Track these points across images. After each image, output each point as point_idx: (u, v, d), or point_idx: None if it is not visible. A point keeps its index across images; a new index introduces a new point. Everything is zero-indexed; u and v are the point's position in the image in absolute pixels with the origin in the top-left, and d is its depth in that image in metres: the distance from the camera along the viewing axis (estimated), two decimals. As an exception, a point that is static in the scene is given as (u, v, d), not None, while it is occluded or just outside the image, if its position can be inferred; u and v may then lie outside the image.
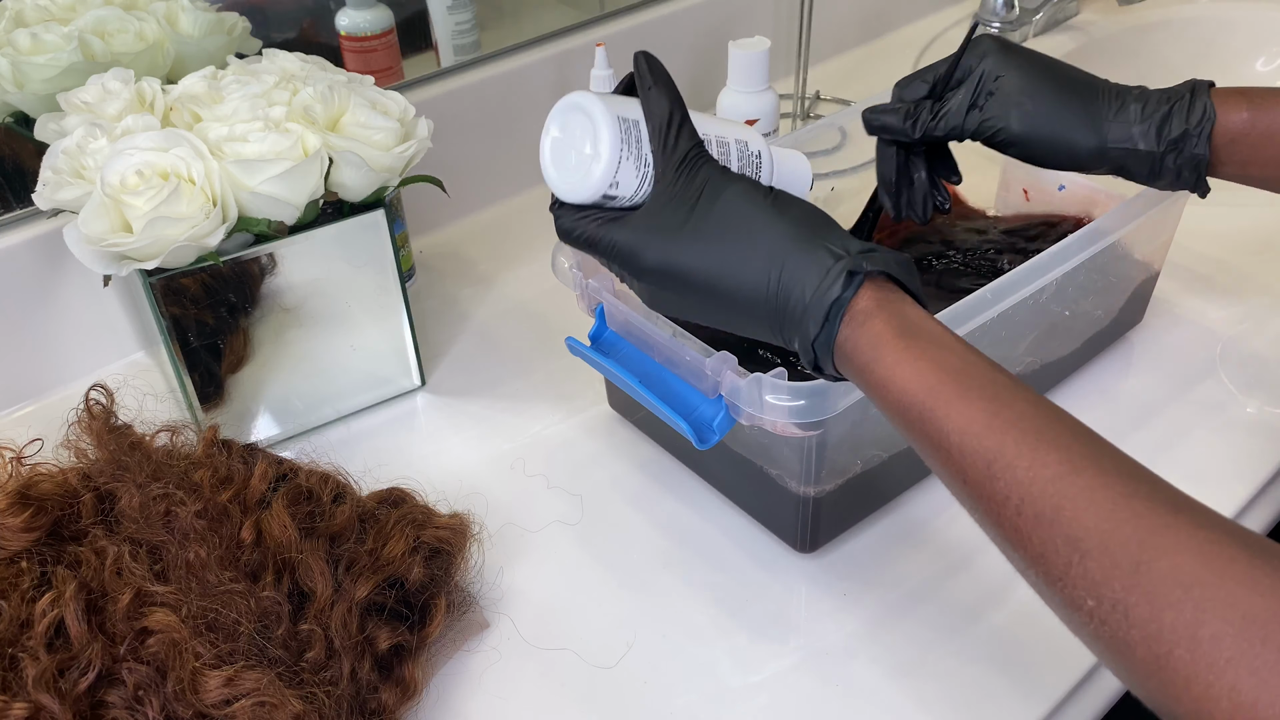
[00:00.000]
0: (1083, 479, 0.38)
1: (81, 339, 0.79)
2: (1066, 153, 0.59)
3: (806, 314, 0.45)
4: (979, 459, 0.40)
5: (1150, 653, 0.35)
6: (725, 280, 0.47)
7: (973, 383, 0.42)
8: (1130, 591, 0.35)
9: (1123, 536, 0.36)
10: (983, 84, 0.59)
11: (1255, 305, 0.82)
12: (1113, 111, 0.58)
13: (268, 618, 0.53)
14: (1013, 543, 0.39)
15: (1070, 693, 0.57)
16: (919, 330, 0.44)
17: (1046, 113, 0.58)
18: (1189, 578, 0.35)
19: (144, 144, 0.62)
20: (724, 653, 0.60)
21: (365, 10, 0.88)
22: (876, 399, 0.45)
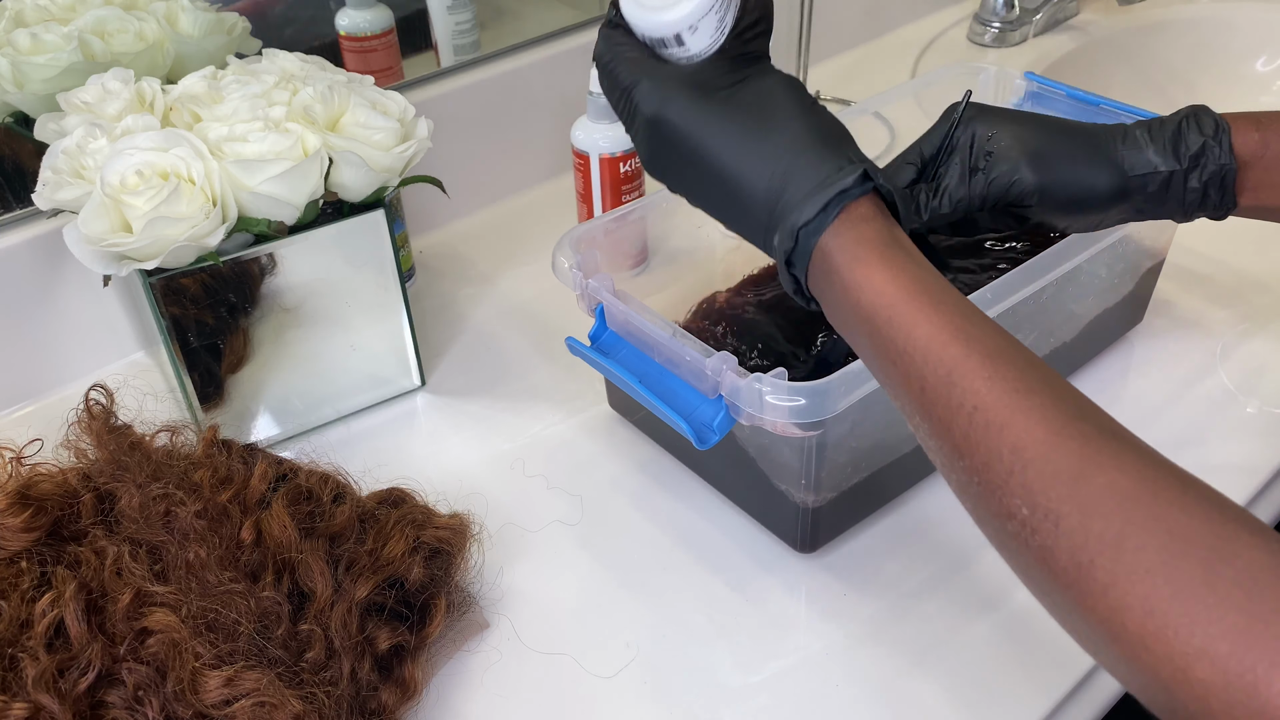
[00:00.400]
0: (1037, 399, 0.39)
1: (81, 339, 0.79)
2: (1088, 194, 0.56)
3: (808, 199, 0.45)
4: (941, 366, 0.41)
5: (1073, 560, 0.35)
6: (740, 150, 0.47)
7: (946, 299, 0.43)
8: (1064, 501, 0.36)
9: (1066, 450, 0.37)
10: (976, 147, 0.57)
11: (1255, 305, 0.82)
12: (1119, 142, 0.56)
13: (268, 618, 0.53)
14: (960, 451, 0.40)
15: (1070, 693, 0.57)
16: (906, 247, 0.45)
17: (1056, 155, 0.56)
18: (1123, 493, 0.35)
19: (144, 144, 0.62)
20: (724, 653, 0.60)
21: (365, 10, 0.88)
22: (847, 302, 0.44)
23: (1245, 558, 0.33)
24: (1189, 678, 0.32)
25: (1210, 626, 0.32)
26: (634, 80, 0.49)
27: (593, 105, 0.83)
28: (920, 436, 0.43)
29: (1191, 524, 0.34)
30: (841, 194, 0.44)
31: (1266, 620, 0.32)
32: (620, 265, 0.77)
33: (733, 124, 0.47)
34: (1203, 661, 0.32)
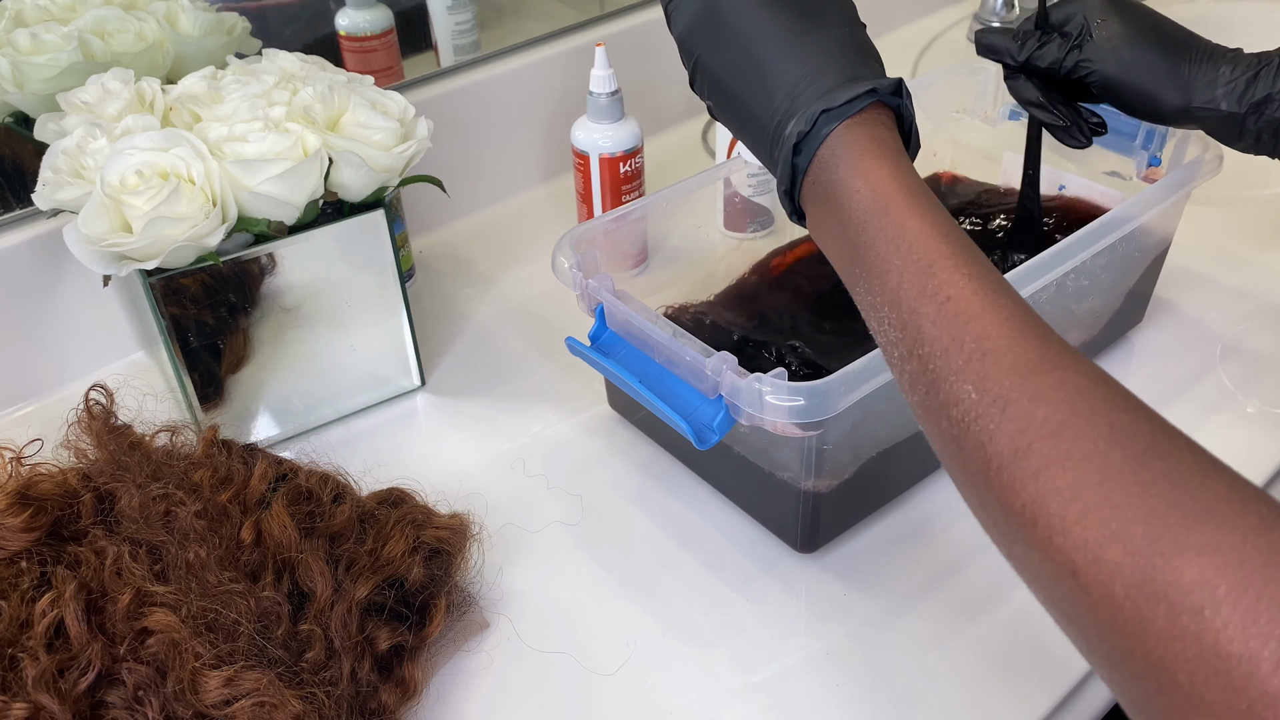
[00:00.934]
0: (1009, 303, 0.40)
1: (81, 339, 0.79)
2: (1151, 106, 0.61)
3: (839, 88, 0.45)
4: (924, 257, 0.42)
5: (1011, 445, 0.36)
6: (786, 34, 0.47)
7: (942, 213, 0.44)
8: (1015, 389, 0.37)
9: (1028, 347, 0.38)
10: (1085, 25, 0.62)
11: (1255, 305, 0.82)
12: (1203, 71, 0.60)
13: (268, 618, 0.53)
14: (922, 337, 0.41)
15: (1070, 693, 0.57)
16: (907, 160, 0.46)
17: (1140, 64, 0.61)
18: (1074, 387, 0.36)
19: (144, 144, 0.62)
20: (724, 653, 0.60)
21: (365, 10, 0.88)
22: (847, 190, 0.45)
23: (1177, 456, 0.34)
24: (1100, 560, 0.33)
25: (1130, 510, 0.33)
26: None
27: (593, 105, 0.83)
28: (883, 330, 0.43)
29: (1134, 423, 0.35)
30: (872, 91, 0.46)
31: (1184, 510, 0.32)
32: (620, 265, 0.77)
33: (782, 13, 0.48)
34: (1116, 544, 0.33)
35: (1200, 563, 0.31)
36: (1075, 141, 0.65)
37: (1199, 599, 0.31)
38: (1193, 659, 0.30)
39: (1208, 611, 0.30)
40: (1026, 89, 0.66)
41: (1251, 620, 0.30)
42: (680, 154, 1.06)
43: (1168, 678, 0.31)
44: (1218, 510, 0.32)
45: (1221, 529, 0.31)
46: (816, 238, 0.49)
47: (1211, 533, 0.31)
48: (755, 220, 0.87)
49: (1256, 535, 0.31)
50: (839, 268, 0.47)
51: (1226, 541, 0.31)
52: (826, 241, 0.48)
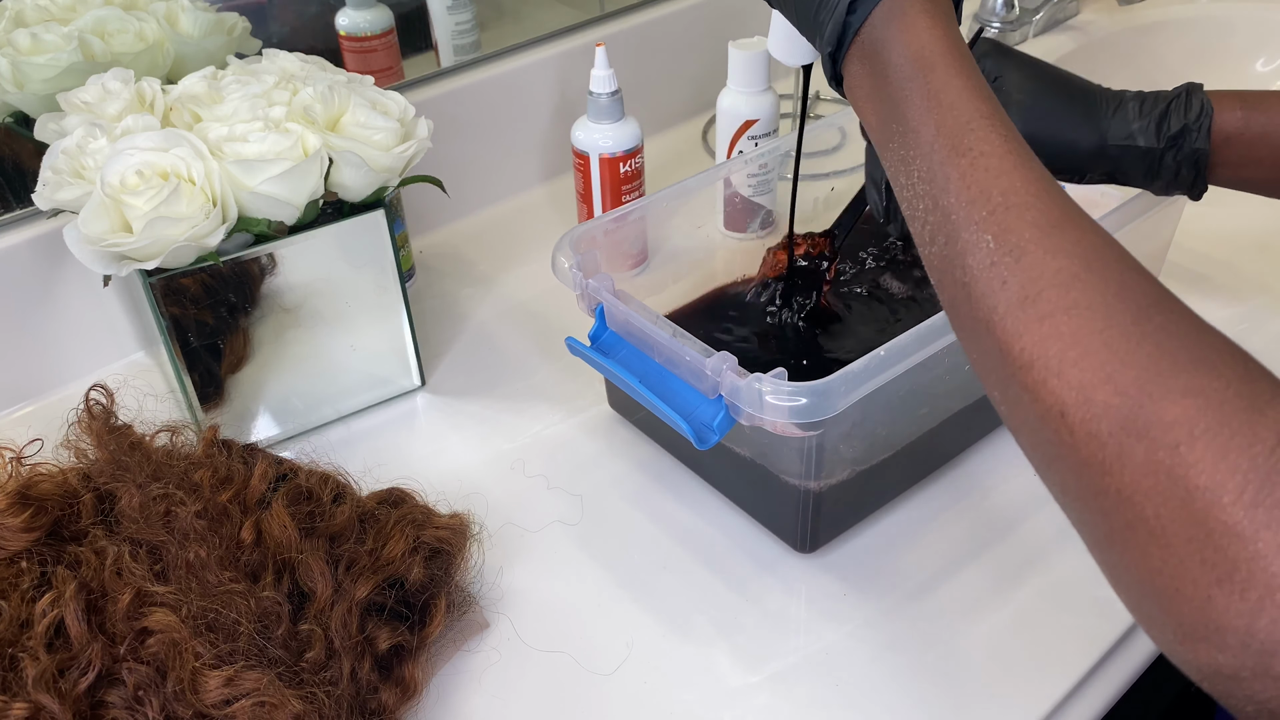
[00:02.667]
0: (1038, 166, 0.41)
1: (81, 339, 0.79)
2: (1067, 152, 0.60)
3: None
4: (965, 112, 0.43)
5: (1022, 291, 0.37)
6: None
7: (982, 77, 0.45)
8: (1033, 241, 0.38)
9: (1051, 206, 0.39)
10: None
11: (1255, 305, 0.82)
12: (1111, 110, 0.59)
13: (268, 618, 0.53)
14: (949, 188, 0.41)
15: (1070, 693, 0.57)
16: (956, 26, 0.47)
17: (1046, 111, 0.59)
18: (1090, 245, 0.38)
19: (144, 144, 0.62)
20: (724, 653, 0.60)
21: (365, 10, 0.88)
22: (897, 45, 0.45)
23: (1177, 313, 0.36)
24: (1090, 400, 0.34)
25: (1126, 355, 0.34)
26: None
27: (593, 105, 0.84)
28: (911, 182, 0.44)
29: (1140, 282, 0.37)
30: None
31: (1176, 357, 0.34)
32: (620, 265, 0.77)
33: None
34: (1108, 385, 0.34)
35: (1184, 403, 0.33)
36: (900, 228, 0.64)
37: (1177, 436, 0.32)
38: (1162, 492, 0.32)
39: (1183, 448, 0.32)
40: (876, 166, 0.63)
41: (1222, 455, 0.31)
42: (680, 154, 1.06)
43: (1135, 512, 0.33)
44: (1207, 359, 0.34)
45: (1208, 375, 0.33)
46: (853, 98, 0.49)
47: (1199, 378, 0.33)
48: (755, 220, 0.87)
49: (1240, 383, 0.33)
50: (873, 126, 0.47)
51: (1211, 386, 0.33)
52: (864, 102, 0.48)
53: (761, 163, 0.83)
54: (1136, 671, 0.59)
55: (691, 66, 1.07)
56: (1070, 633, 0.59)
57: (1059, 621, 0.60)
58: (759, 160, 0.82)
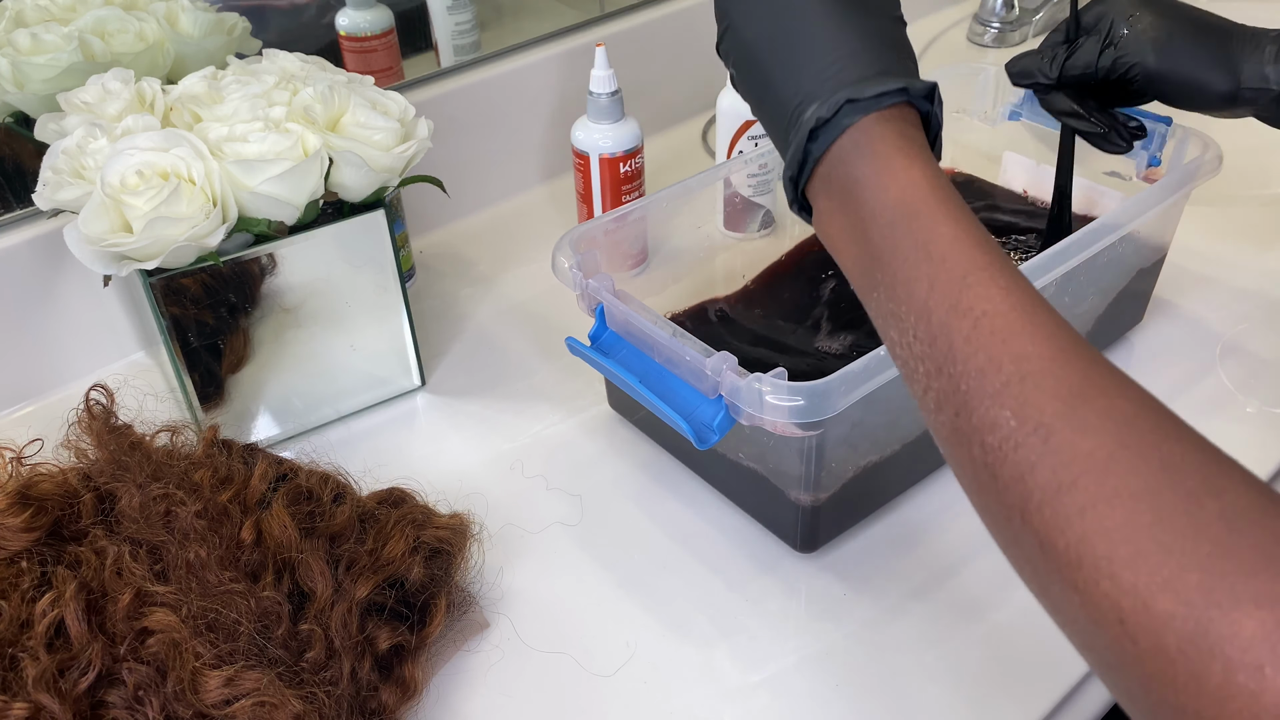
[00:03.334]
0: (1047, 318, 0.38)
1: (81, 339, 0.79)
2: (1200, 92, 0.60)
3: (871, 81, 0.43)
4: (959, 266, 0.39)
5: (1054, 478, 0.34)
6: (822, 18, 0.45)
7: (970, 212, 0.42)
8: (1059, 417, 0.35)
9: (1071, 369, 0.36)
10: (1116, 24, 0.61)
11: (1255, 305, 0.82)
12: (1247, 52, 0.59)
13: (268, 618, 0.54)
14: (956, 355, 0.38)
15: (1069, 693, 0.57)
16: (934, 159, 0.44)
17: (1182, 51, 0.59)
18: (1122, 416, 0.34)
19: (144, 144, 0.62)
20: (724, 653, 0.60)
21: (365, 10, 0.88)
22: (873, 187, 0.42)
23: (1232, 494, 0.32)
24: (1150, 609, 0.31)
25: (1184, 557, 0.31)
26: None
27: (593, 105, 0.84)
28: (906, 343, 0.41)
29: (1185, 456, 0.33)
30: (905, 90, 0.43)
31: (1240, 556, 0.30)
32: (620, 265, 0.77)
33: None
34: (1168, 593, 0.30)
35: (1259, 616, 0.29)
36: (1114, 147, 0.65)
37: (1258, 655, 0.29)
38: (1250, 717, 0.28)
39: (1268, 669, 0.28)
40: (1059, 100, 0.65)
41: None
42: (680, 154, 1.06)
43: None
44: (1277, 556, 0.30)
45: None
46: (824, 234, 0.46)
47: (1271, 582, 0.29)
48: (755, 220, 0.87)
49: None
50: (851, 269, 0.44)
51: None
52: (838, 240, 0.45)
53: (761, 163, 0.83)
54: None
55: (691, 66, 1.07)
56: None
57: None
58: (759, 160, 0.82)
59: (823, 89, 0.44)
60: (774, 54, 0.46)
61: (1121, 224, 0.66)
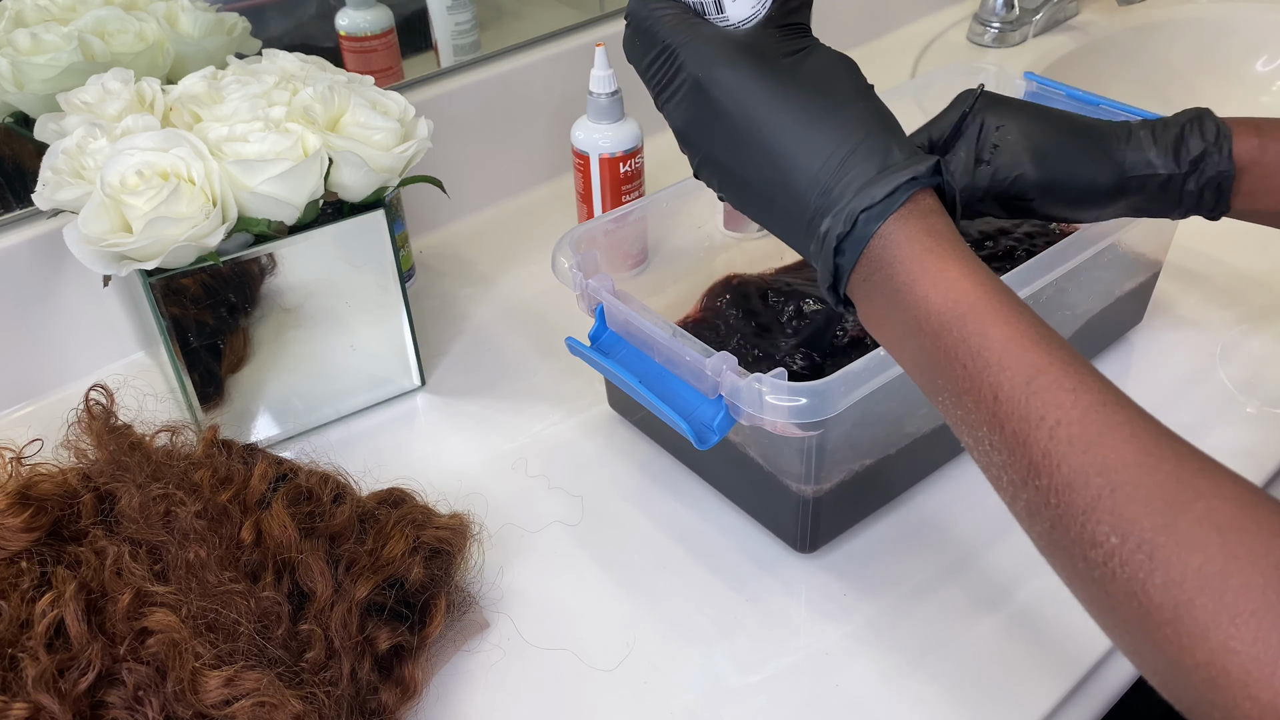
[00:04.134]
0: (1124, 412, 0.36)
1: (81, 339, 0.79)
2: (1088, 192, 0.57)
3: (874, 182, 0.41)
4: (1021, 372, 0.37)
5: (1169, 599, 0.33)
6: (797, 125, 0.43)
7: (1020, 303, 0.40)
8: (1161, 531, 0.33)
9: (1160, 474, 0.34)
10: (984, 138, 0.57)
11: (1255, 305, 0.82)
12: (1123, 141, 0.57)
13: (268, 618, 0.53)
14: (1038, 468, 0.36)
15: (1069, 694, 0.57)
16: (966, 244, 0.42)
17: (1059, 155, 0.56)
18: (1224, 522, 0.33)
19: (144, 144, 0.62)
20: (724, 653, 0.60)
21: (365, 10, 0.88)
22: (910, 296, 0.41)
23: None
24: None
25: None
26: (679, 39, 0.45)
27: (593, 105, 0.84)
28: (983, 450, 0.39)
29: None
30: (913, 180, 0.41)
31: None
32: (620, 265, 0.77)
33: (793, 96, 0.43)
34: None
35: None
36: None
37: None
38: None
39: None
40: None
41: None
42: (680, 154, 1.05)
43: None
44: None
45: None
46: (876, 335, 0.44)
47: None
48: (755, 220, 0.87)
49: None
50: (910, 372, 0.43)
51: None
52: (890, 344, 0.43)
53: (761, 163, 0.82)
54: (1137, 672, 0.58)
55: (691, 66, 1.07)
56: (1070, 633, 0.59)
57: (1059, 621, 0.60)
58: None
59: (831, 201, 0.42)
60: (764, 176, 0.45)
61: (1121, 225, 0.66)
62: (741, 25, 0.46)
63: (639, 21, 0.47)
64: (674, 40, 0.46)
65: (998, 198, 0.58)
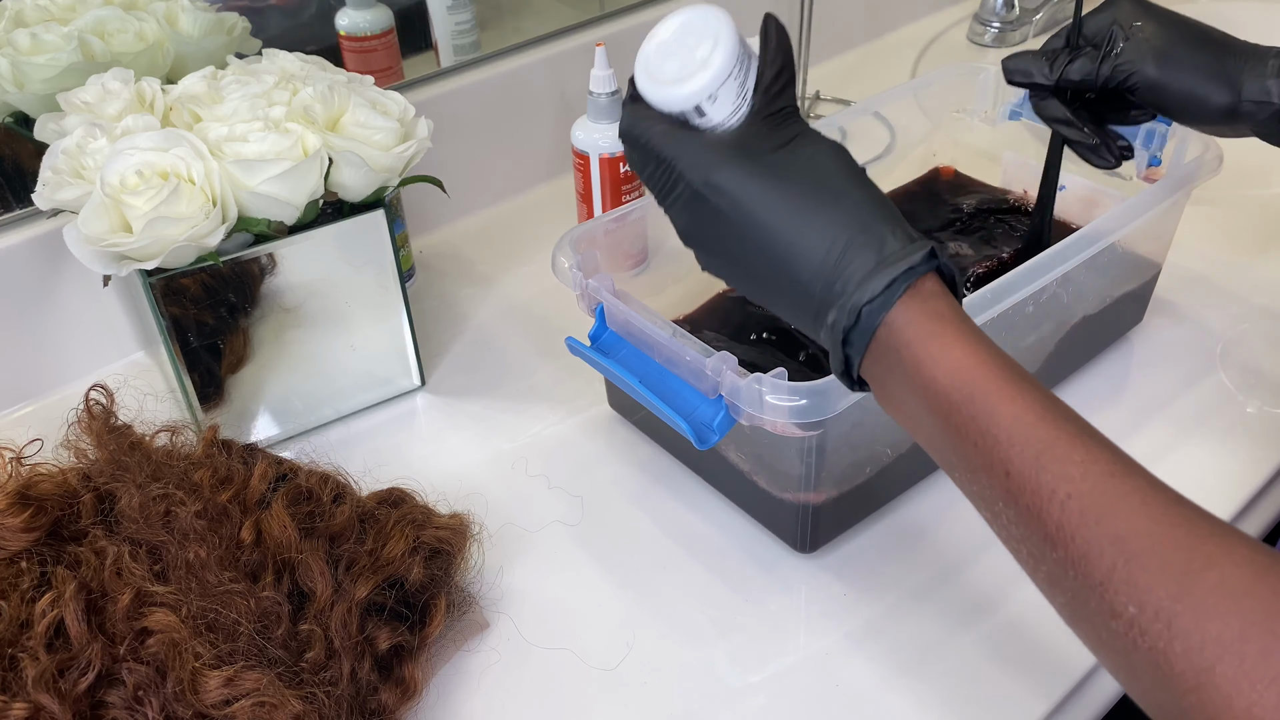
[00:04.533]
0: (1133, 481, 0.37)
1: (81, 339, 0.79)
2: (1199, 105, 0.59)
3: (873, 275, 0.42)
4: (1029, 448, 0.38)
5: (1191, 666, 0.33)
6: (795, 220, 0.44)
7: (1023, 376, 0.41)
8: (1177, 600, 0.34)
9: (1173, 542, 0.35)
10: (1116, 32, 0.60)
11: (1255, 305, 0.82)
12: (1248, 66, 0.58)
13: (268, 618, 0.53)
14: (1054, 541, 0.37)
15: (1068, 695, 0.57)
16: (971, 323, 0.43)
17: (1183, 62, 0.58)
18: (1239, 588, 0.33)
19: (144, 144, 0.62)
20: (724, 653, 0.60)
21: (365, 10, 0.88)
22: (918, 378, 0.42)
23: None
24: None
25: None
26: (674, 150, 0.46)
27: (593, 105, 0.84)
28: (1000, 524, 0.41)
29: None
30: (910, 270, 0.43)
31: None
32: (620, 265, 0.77)
33: (787, 193, 0.45)
34: None
35: None
36: (1103, 161, 0.63)
37: None
38: None
39: None
40: (1053, 106, 0.63)
41: None
42: (680, 154, 1.05)
43: None
44: None
45: None
46: (892, 414, 0.45)
47: None
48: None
49: None
50: (928, 449, 0.44)
51: None
52: (906, 422, 0.45)
53: (761, 163, 0.82)
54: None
55: (691, 66, 1.07)
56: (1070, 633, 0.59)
57: (1059, 622, 0.60)
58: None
59: (834, 295, 0.44)
60: (768, 271, 0.46)
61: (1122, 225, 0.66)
62: (727, 124, 0.47)
63: (632, 139, 0.48)
64: (667, 153, 0.47)
65: (1111, 93, 0.61)
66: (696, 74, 0.46)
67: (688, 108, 0.47)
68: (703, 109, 0.47)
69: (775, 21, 0.47)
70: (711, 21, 0.47)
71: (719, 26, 0.46)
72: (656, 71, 0.47)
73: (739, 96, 0.46)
